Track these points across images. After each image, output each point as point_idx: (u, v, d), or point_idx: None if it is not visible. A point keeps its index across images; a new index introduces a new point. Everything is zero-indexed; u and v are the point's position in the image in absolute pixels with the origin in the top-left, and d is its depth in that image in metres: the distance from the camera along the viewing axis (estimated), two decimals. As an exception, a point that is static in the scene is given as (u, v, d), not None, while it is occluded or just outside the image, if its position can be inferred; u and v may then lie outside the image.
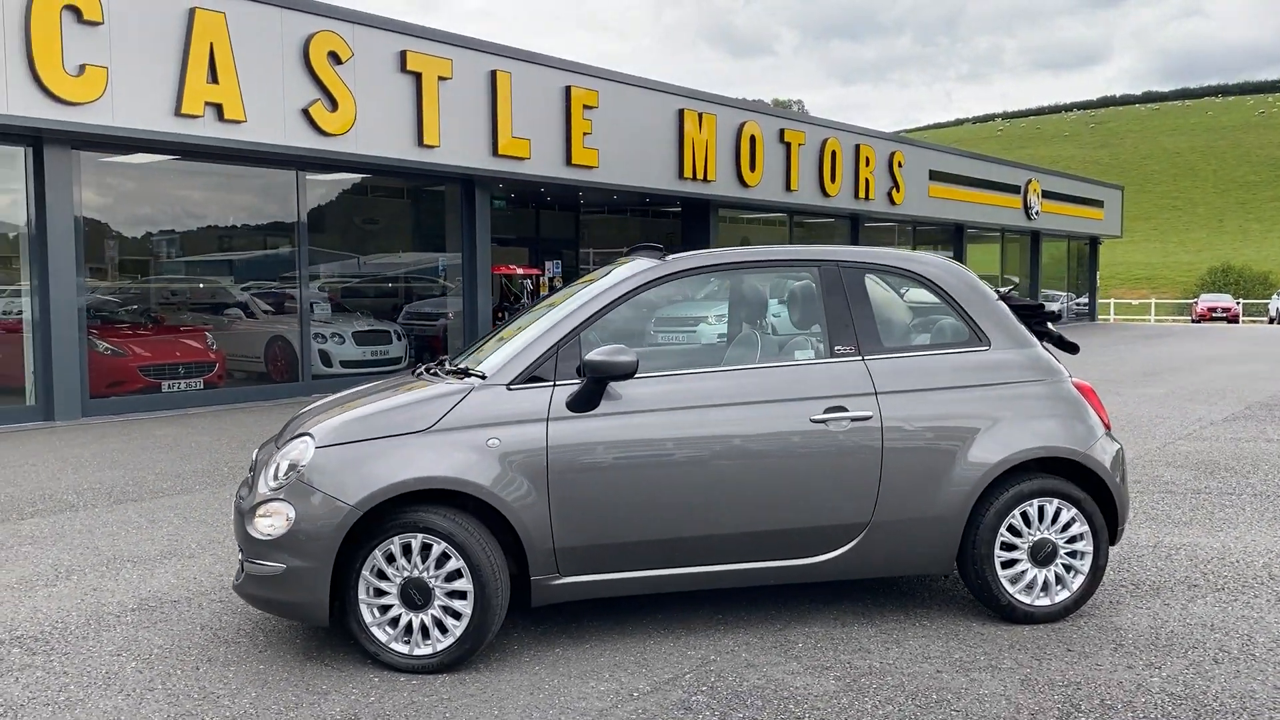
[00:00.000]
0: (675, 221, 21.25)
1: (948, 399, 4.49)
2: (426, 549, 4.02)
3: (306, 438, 4.17)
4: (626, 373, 4.10)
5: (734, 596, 4.91)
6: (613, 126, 17.06)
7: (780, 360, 4.61)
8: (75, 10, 11.05)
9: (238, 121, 12.44)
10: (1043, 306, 4.89)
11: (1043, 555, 4.54)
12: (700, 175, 18.79)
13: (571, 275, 21.26)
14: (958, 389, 4.52)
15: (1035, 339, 4.76)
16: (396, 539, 4.02)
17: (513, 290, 17.36)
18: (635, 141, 17.51)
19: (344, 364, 14.93)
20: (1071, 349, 5.06)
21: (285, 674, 4.04)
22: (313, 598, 3.98)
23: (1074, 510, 4.55)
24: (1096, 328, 32.57)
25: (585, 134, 16.58)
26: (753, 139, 19.81)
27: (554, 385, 4.20)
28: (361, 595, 4.04)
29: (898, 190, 23.96)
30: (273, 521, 4.03)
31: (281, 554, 3.99)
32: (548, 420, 4.14)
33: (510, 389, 4.18)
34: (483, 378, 4.24)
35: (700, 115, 18.67)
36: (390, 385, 4.71)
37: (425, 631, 4.04)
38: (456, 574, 4.02)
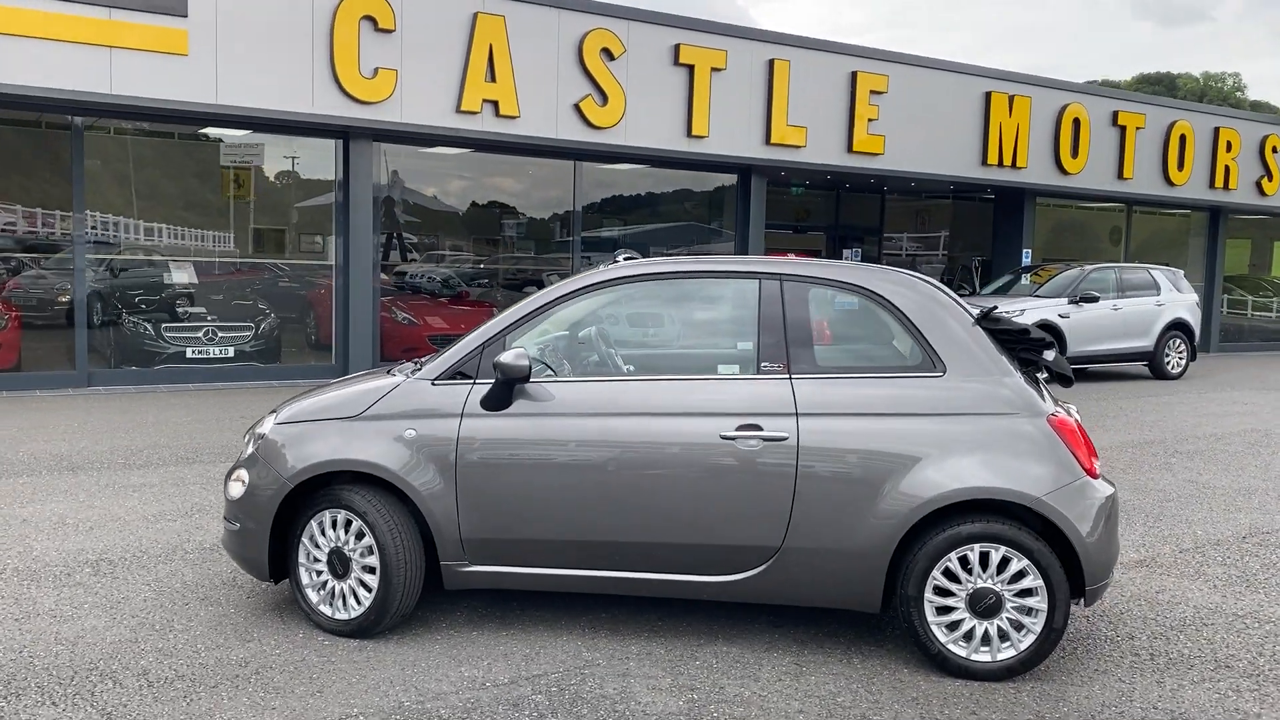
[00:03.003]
0: (988, 208, 20.07)
1: (879, 426, 4.20)
2: (349, 524, 4.44)
3: (273, 415, 4.74)
4: (521, 376, 4.27)
5: (696, 604, 4.89)
6: (903, 112, 16.49)
7: (703, 373, 4.51)
8: (371, 20, 12.57)
9: (512, 117, 13.53)
10: (1028, 331, 4.38)
11: (984, 607, 4.14)
12: (1008, 162, 17.64)
13: (871, 262, 20.76)
14: (894, 416, 4.21)
15: (1012, 368, 4.29)
16: (327, 512, 4.48)
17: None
18: (930, 127, 16.79)
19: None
20: (1064, 382, 4.49)
21: (240, 619, 4.66)
22: (256, 556, 4.56)
23: (1025, 561, 4.10)
24: None
25: (870, 120, 16.18)
26: (1076, 122, 18.26)
27: (474, 383, 4.45)
28: (301, 560, 4.55)
29: (1269, 179, 20.96)
30: (237, 486, 4.64)
31: (239, 514, 4.60)
32: (461, 416, 4.40)
33: (434, 384, 4.49)
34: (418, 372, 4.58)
35: (1011, 98, 17.50)
36: (362, 375, 5.15)
37: (344, 599, 4.47)
38: (371, 549, 4.41)
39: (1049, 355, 4.41)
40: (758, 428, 4.24)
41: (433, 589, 4.71)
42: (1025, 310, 14.56)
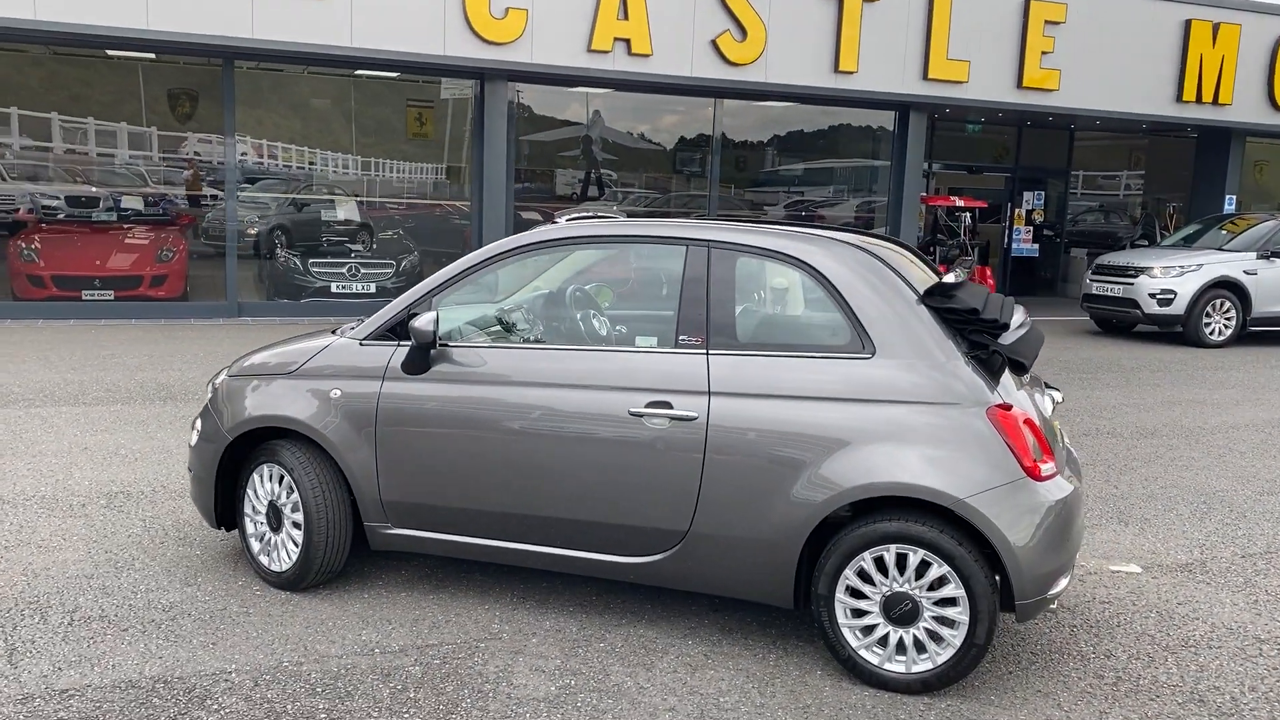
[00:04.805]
0: (1188, 145, 18.18)
1: (795, 410, 3.85)
2: (282, 479, 4.51)
3: (228, 366, 4.84)
4: (427, 341, 4.16)
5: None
6: (1083, 44, 15.11)
7: (622, 344, 4.24)
8: (503, -41, 12.53)
9: (645, 55, 13.27)
10: (977, 312, 3.85)
11: (899, 613, 3.76)
12: (1209, 98, 15.90)
13: (1059, 206, 19.29)
14: (812, 400, 3.84)
15: (956, 352, 3.82)
16: (265, 466, 4.56)
17: (949, 225, 16.25)
18: (1114, 60, 15.32)
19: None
20: (1018, 369, 3.96)
21: (198, 563, 4.84)
22: (204, 504, 4.70)
23: (946, 568, 3.68)
24: None
25: (1044, 53, 14.91)
26: (1296, 51, 16.18)
27: (397, 345, 4.38)
28: (246, 510, 4.66)
29: None
30: (194, 435, 4.79)
31: (194, 463, 4.75)
32: (383, 378, 4.35)
33: (362, 344, 4.45)
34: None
35: (1215, 26, 15.69)
36: (312, 332, 5.15)
37: (278, 551, 4.55)
38: (298, 505, 4.46)
39: (1005, 339, 3.90)
40: (667, 405, 3.98)
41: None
42: (1203, 265, 13.18)
